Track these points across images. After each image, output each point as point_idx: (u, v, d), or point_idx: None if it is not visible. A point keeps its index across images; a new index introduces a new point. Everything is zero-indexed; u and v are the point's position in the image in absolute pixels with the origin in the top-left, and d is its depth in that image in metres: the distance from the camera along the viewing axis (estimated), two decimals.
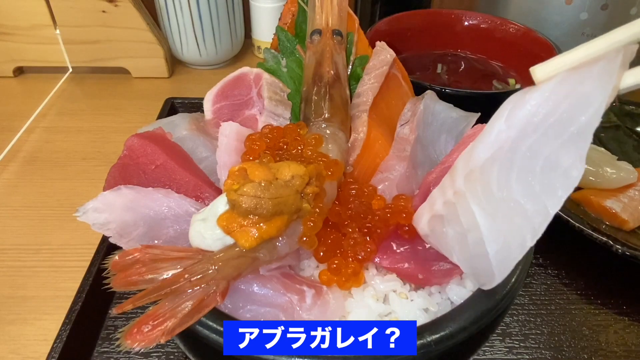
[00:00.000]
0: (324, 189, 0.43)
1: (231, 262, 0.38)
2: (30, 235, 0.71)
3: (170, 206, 0.44)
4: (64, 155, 0.86)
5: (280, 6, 1.03)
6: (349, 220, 0.45)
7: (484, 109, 0.55)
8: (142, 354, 0.54)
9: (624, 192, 0.66)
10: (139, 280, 0.36)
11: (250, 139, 0.49)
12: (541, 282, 0.64)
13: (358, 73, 0.60)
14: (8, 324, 0.59)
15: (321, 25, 0.58)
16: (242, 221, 0.38)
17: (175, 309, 0.35)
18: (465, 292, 0.42)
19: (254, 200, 0.38)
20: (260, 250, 0.39)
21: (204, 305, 0.36)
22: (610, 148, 0.75)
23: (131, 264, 0.37)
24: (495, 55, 0.92)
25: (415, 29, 0.92)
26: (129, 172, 0.47)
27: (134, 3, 0.98)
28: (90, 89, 1.04)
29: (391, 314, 0.42)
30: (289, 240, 0.41)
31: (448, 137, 0.54)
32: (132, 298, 0.36)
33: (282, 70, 0.61)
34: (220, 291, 0.37)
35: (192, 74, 1.10)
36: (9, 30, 0.99)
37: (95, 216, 0.42)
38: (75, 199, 0.76)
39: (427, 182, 0.48)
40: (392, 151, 0.53)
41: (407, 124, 0.55)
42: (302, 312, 0.40)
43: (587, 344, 0.57)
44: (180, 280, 0.37)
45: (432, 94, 0.57)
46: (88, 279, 0.57)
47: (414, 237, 0.45)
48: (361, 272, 0.43)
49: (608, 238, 0.59)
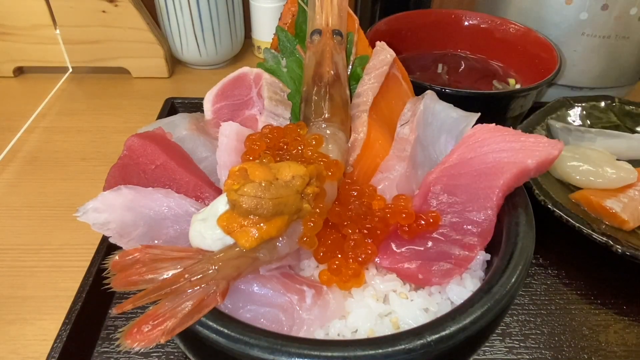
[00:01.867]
0: (324, 189, 0.43)
1: (231, 262, 0.38)
2: (30, 235, 0.70)
3: (170, 206, 0.44)
4: (64, 155, 0.86)
5: (280, 6, 1.03)
6: (349, 221, 0.45)
7: (484, 109, 0.55)
8: (142, 354, 0.54)
9: (624, 192, 0.66)
10: (139, 280, 0.36)
11: (250, 139, 0.49)
12: (541, 282, 0.64)
13: (358, 73, 0.60)
14: (8, 324, 0.59)
15: (321, 25, 0.58)
16: (243, 221, 0.38)
17: (175, 309, 0.35)
18: (465, 292, 0.42)
19: (254, 201, 0.38)
20: (260, 250, 0.39)
21: (204, 305, 0.36)
22: None
23: (131, 264, 0.37)
24: (495, 55, 0.91)
25: (415, 29, 0.92)
26: (129, 172, 0.47)
27: (134, 3, 0.98)
28: (90, 89, 1.04)
29: (391, 314, 0.42)
30: (289, 241, 0.41)
31: (448, 137, 0.54)
32: (132, 298, 0.36)
33: (282, 70, 0.61)
34: (220, 291, 0.37)
35: (192, 74, 1.10)
36: (9, 30, 0.99)
37: (95, 216, 0.42)
38: (75, 199, 0.76)
39: (427, 182, 0.48)
40: (392, 151, 0.53)
41: (407, 124, 0.55)
42: (302, 312, 0.40)
43: (587, 344, 0.57)
44: (180, 280, 0.37)
45: (432, 94, 0.57)
46: (88, 279, 0.57)
47: (413, 237, 0.45)
48: (362, 273, 0.43)
49: (608, 238, 0.59)
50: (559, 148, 0.44)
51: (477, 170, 0.45)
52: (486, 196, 0.44)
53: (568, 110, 0.81)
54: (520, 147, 0.45)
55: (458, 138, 0.53)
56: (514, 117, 0.79)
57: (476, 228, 0.44)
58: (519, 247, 0.42)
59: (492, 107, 0.76)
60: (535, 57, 0.85)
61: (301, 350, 0.35)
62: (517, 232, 0.44)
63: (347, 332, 0.41)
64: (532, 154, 0.44)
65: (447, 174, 0.47)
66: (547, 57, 0.82)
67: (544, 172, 0.47)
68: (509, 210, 0.45)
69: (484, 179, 0.45)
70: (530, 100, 0.78)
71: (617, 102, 0.82)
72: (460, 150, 0.48)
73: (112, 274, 0.37)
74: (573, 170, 0.69)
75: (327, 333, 0.41)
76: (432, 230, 0.45)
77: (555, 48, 0.81)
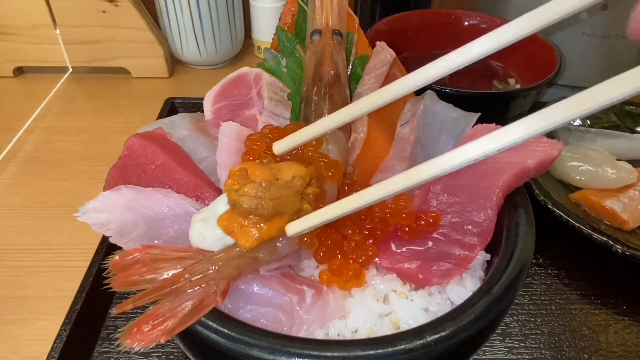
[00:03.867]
0: (324, 189, 0.43)
1: (231, 262, 0.38)
2: (30, 235, 0.70)
3: (170, 206, 0.44)
4: (64, 155, 0.86)
5: (280, 6, 1.03)
6: (349, 221, 0.45)
7: (484, 109, 0.55)
8: (142, 353, 0.54)
9: (624, 192, 0.66)
10: (139, 280, 0.36)
11: (250, 139, 0.49)
12: (541, 282, 0.64)
13: (358, 73, 0.60)
14: (8, 324, 0.59)
15: (321, 25, 0.58)
16: (243, 221, 0.38)
17: (175, 308, 0.35)
18: (465, 292, 0.42)
19: (254, 201, 0.38)
20: (260, 250, 0.39)
21: (204, 305, 0.36)
22: None
23: (131, 264, 0.37)
24: (495, 55, 0.91)
25: (415, 29, 0.92)
26: (129, 172, 0.47)
27: (134, 3, 0.98)
28: (90, 89, 1.04)
29: (391, 314, 0.42)
30: (289, 241, 0.41)
31: (448, 137, 0.54)
32: (132, 298, 0.36)
33: (282, 70, 0.61)
34: (220, 291, 0.37)
35: (192, 74, 1.10)
36: (9, 30, 0.99)
37: (95, 216, 0.42)
38: (75, 199, 0.76)
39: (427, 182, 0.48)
40: (392, 151, 0.53)
41: (407, 124, 0.55)
42: (302, 312, 0.40)
43: (587, 344, 0.57)
44: (181, 280, 0.37)
45: (432, 94, 0.57)
46: (88, 279, 0.57)
47: (413, 237, 0.45)
48: (363, 273, 0.43)
49: (608, 238, 0.59)
50: (559, 148, 0.44)
51: (477, 170, 0.45)
52: (486, 196, 0.44)
53: None
54: (520, 147, 0.45)
55: (458, 138, 0.53)
56: (514, 117, 0.79)
57: (476, 228, 0.44)
58: (519, 247, 0.42)
59: (492, 107, 0.76)
60: (535, 57, 0.85)
61: (301, 350, 0.35)
62: (517, 232, 0.44)
63: (347, 332, 0.41)
64: (532, 154, 0.44)
65: (447, 174, 0.47)
66: (547, 57, 0.82)
67: (544, 172, 0.47)
68: (509, 210, 0.45)
69: (484, 179, 0.45)
70: (530, 100, 0.78)
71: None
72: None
73: (112, 274, 0.37)
74: (573, 170, 0.69)
75: (327, 333, 0.41)
76: (432, 231, 0.45)
77: (555, 48, 0.81)
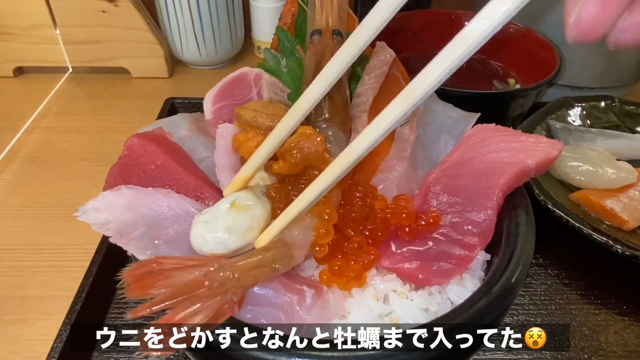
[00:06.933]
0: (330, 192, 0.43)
1: (251, 272, 0.38)
2: (30, 235, 0.70)
3: (170, 206, 0.44)
4: (64, 155, 0.86)
5: (280, 6, 1.03)
6: (352, 222, 0.45)
7: (484, 109, 0.55)
8: None
9: (624, 192, 0.66)
10: (154, 289, 0.35)
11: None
12: (541, 282, 0.64)
13: (358, 73, 0.60)
14: (8, 324, 0.59)
15: (321, 26, 0.58)
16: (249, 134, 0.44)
17: (192, 316, 0.35)
18: (465, 292, 0.42)
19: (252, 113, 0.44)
20: (277, 261, 0.39)
21: (221, 313, 0.36)
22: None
23: (146, 274, 0.36)
24: (495, 55, 0.91)
25: (415, 29, 0.92)
26: (129, 172, 0.47)
27: (134, 3, 0.98)
28: (90, 89, 1.04)
29: (391, 314, 0.42)
30: (304, 251, 0.41)
31: (448, 137, 0.54)
32: (149, 303, 0.35)
33: (282, 70, 0.61)
34: (238, 300, 0.37)
35: (192, 74, 1.10)
36: (9, 30, 0.99)
37: (95, 216, 0.42)
38: (75, 199, 0.76)
39: (427, 182, 0.48)
40: (392, 151, 0.53)
41: (407, 124, 0.55)
42: (302, 312, 0.40)
43: (587, 344, 0.57)
44: (200, 287, 0.36)
45: (432, 94, 0.57)
46: (88, 279, 0.57)
47: (414, 237, 0.45)
48: (364, 275, 0.43)
49: (608, 238, 0.59)
50: (559, 148, 0.44)
51: (477, 170, 0.45)
52: (486, 196, 0.44)
53: (568, 110, 0.81)
54: (520, 147, 0.45)
55: (458, 138, 0.53)
56: (514, 117, 0.79)
57: (476, 228, 0.44)
58: (519, 247, 0.42)
59: (492, 107, 0.76)
60: (535, 57, 0.85)
61: (301, 350, 0.35)
62: (517, 232, 0.44)
63: (348, 332, 0.41)
64: (532, 154, 0.44)
65: (447, 174, 0.47)
66: (547, 57, 0.82)
67: (544, 172, 0.48)
68: (509, 210, 0.45)
69: (484, 179, 0.45)
70: (530, 100, 0.78)
71: (617, 102, 0.82)
72: (460, 150, 0.48)
73: (125, 285, 0.36)
74: (573, 170, 0.69)
75: (327, 333, 0.41)
76: (432, 231, 0.45)
77: (555, 48, 0.81)
